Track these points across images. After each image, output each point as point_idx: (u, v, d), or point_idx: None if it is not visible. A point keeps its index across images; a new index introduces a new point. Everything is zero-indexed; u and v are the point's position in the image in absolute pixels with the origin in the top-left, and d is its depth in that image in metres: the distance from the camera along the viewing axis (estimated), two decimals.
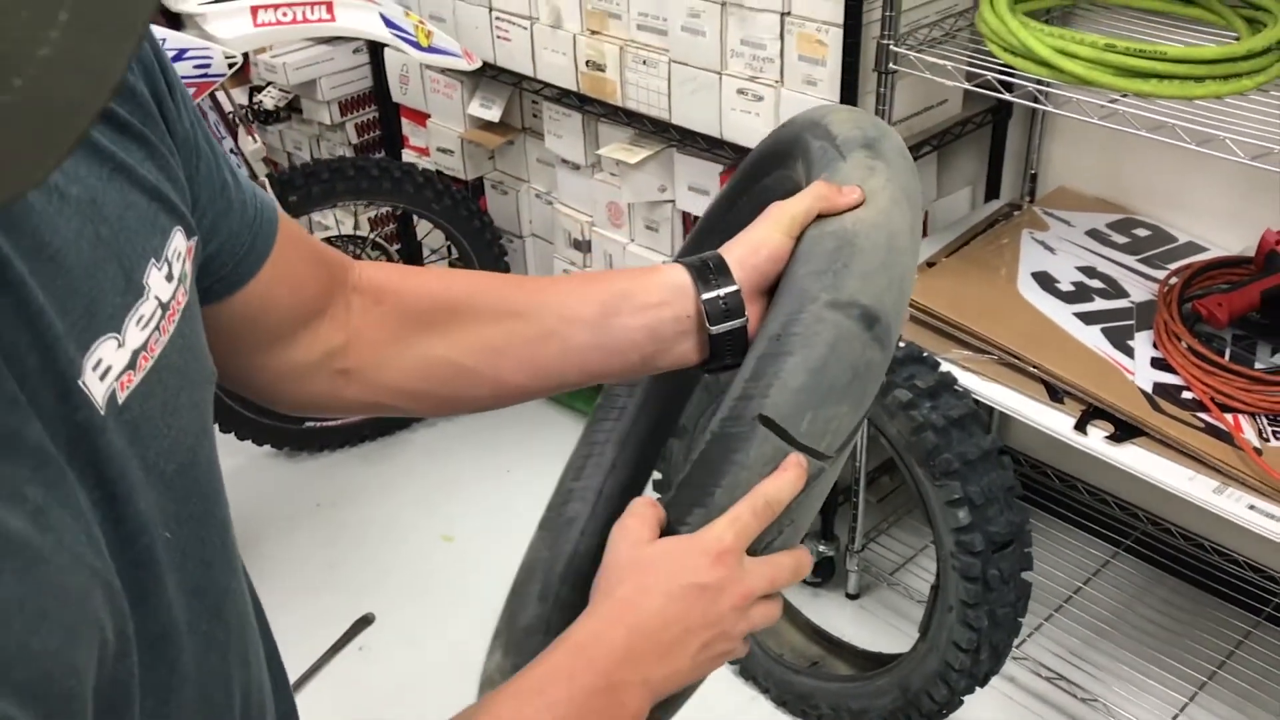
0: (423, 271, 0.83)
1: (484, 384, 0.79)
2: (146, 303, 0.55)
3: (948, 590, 1.59)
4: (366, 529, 2.32)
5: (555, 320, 0.78)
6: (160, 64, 0.60)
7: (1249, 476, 1.43)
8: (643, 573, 0.66)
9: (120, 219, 0.54)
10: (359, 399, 0.79)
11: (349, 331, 0.78)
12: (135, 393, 0.53)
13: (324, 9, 1.91)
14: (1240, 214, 1.76)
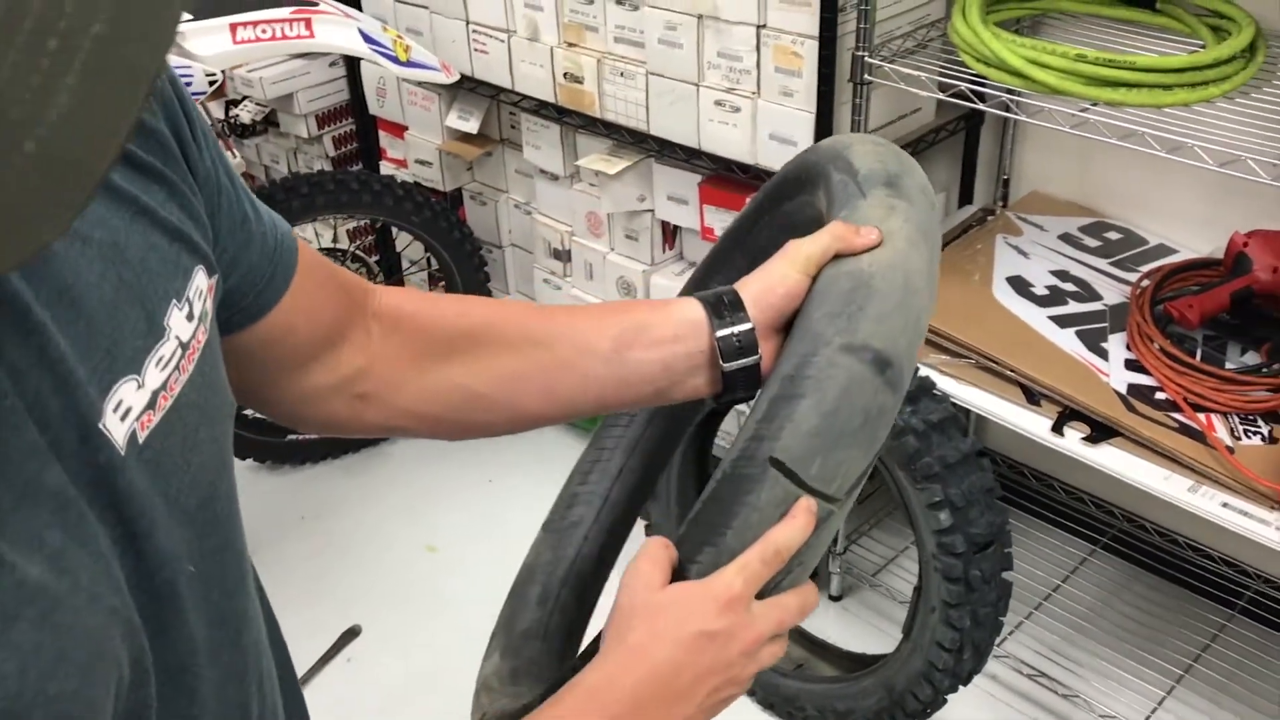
0: (441, 298, 0.85)
1: (500, 410, 0.81)
2: (167, 344, 0.55)
3: (930, 591, 1.62)
4: (351, 541, 2.32)
5: (572, 351, 0.79)
6: (181, 101, 0.61)
7: (1222, 475, 1.46)
8: (654, 619, 0.68)
9: (143, 261, 0.55)
10: (378, 421, 0.81)
11: (368, 356, 0.79)
12: (155, 431, 0.54)
13: (303, 25, 1.92)
14: (1209, 217, 1.80)
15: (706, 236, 2.00)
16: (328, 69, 2.50)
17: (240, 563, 0.64)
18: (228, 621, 0.61)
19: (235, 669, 0.63)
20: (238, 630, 0.63)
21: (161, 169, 0.58)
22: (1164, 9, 1.64)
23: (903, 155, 0.82)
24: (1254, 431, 1.52)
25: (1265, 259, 1.61)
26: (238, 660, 0.63)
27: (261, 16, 1.88)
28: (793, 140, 1.76)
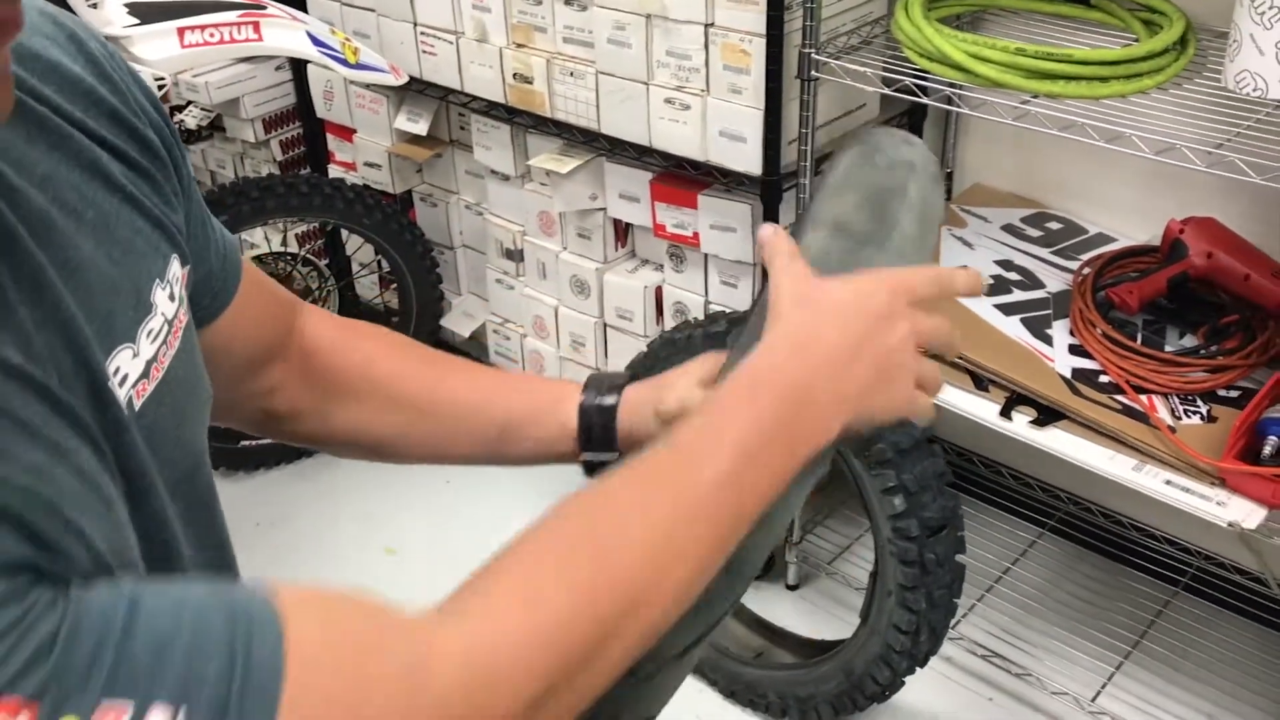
0: (357, 340, 0.88)
1: (398, 451, 0.86)
2: (155, 318, 0.59)
3: (886, 575, 1.66)
4: (308, 545, 2.32)
5: (463, 428, 0.85)
6: (168, 125, 0.67)
7: (1164, 454, 1.51)
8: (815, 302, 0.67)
9: (129, 241, 0.59)
10: (289, 436, 0.87)
11: (278, 379, 0.83)
12: (149, 400, 0.58)
13: (251, 29, 1.92)
14: (1146, 206, 1.86)
15: (659, 234, 2.02)
16: (274, 72, 2.49)
17: (222, 550, 0.66)
18: None
19: None
20: None
21: (149, 169, 0.63)
22: (1098, 4, 1.69)
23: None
24: (1193, 411, 1.57)
25: (1199, 245, 1.66)
26: None
27: (209, 20, 1.88)
28: (742, 137, 1.79)
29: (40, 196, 0.54)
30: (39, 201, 0.54)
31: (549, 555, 0.58)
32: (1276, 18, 1.40)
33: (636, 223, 2.08)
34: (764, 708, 1.88)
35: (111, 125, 0.61)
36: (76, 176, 0.58)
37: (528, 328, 2.34)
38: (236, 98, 2.45)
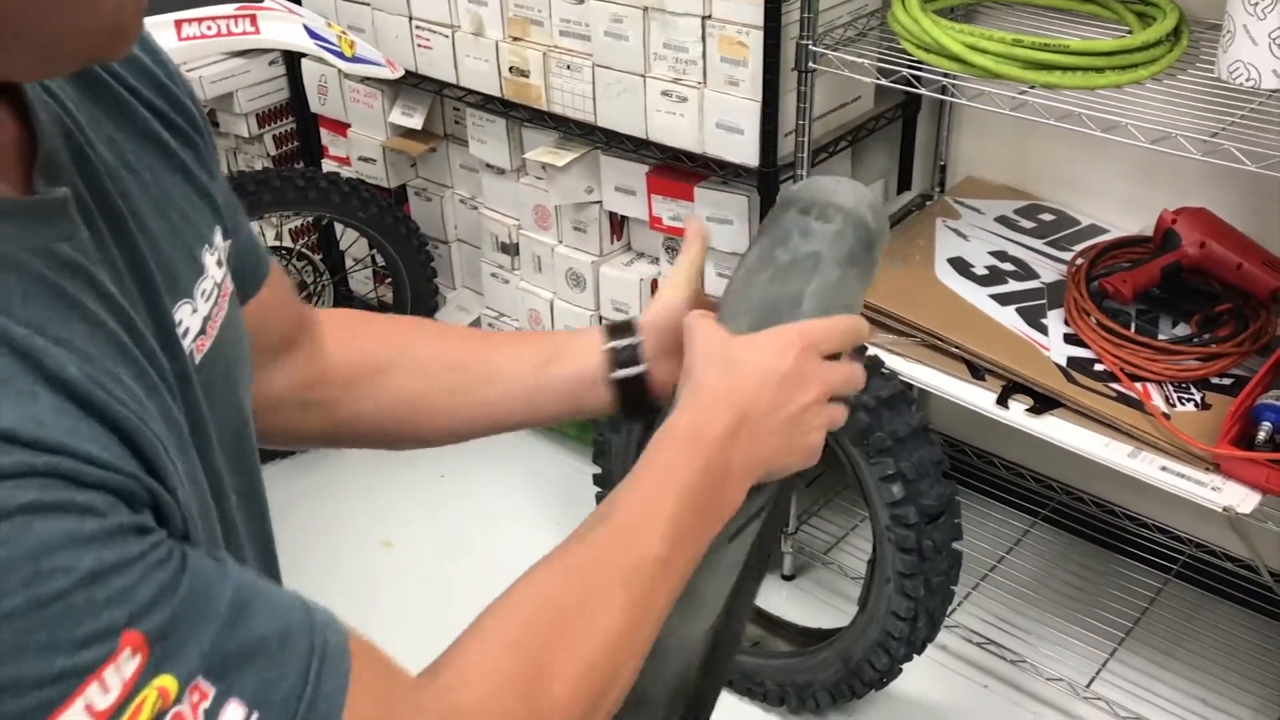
0: (385, 319, 0.92)
1: (438, 419, 0.87)
2: (207, 279, 0.62)
3: (884, 562, 1.67)
4: (304, 539, 2.32)
5: (503, 366, 0.86)
6: (194, 94, 0.68)
7: (1159, 440, 1.53)
8: (731, 365, 0.71)
9: (182, 207, 0.62)
10: (323, 429, 0.86)
11: (319, 369, 0.84)
12: (207, 357, 0.59)
13: (248, 22, 1.92)
14: (1137, 197, 1.88)
15: (655, 226, 2.03)
16: (267, 67, 2.49)
17: (265, 515, 0.67)
18: (265, 557, 0.65)
19: None
20: (274, 569, 0.66)
21: (193, 136, 0.66)
22: None
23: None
24: (1187, 398, 1.59)
25: (1192, 235, 1.68)
26: None
27: (207, 13, 1.88)
28: (739, 129, 1.80)
29: (108, 153, 0.57)
30: (109, 157, 0.57)
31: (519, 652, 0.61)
32: (1270, 8, 1.42)
33: (632, 216, 2.09)
34: (761, 696, 1.89)
35: (160, 94, 0.64)
36: (135, 141, 0.60)
37: (523, 321, 2.35)
38: (230, 92, 2.45)
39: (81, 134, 0.55)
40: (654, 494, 0.67)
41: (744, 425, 0.69)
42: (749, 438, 0.69)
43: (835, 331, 0.73)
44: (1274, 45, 1.43)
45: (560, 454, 2.47)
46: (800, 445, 0.71)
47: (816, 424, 0.71)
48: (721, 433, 0.68)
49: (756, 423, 0.69)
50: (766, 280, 0.77)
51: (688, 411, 0.70)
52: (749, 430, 0.69)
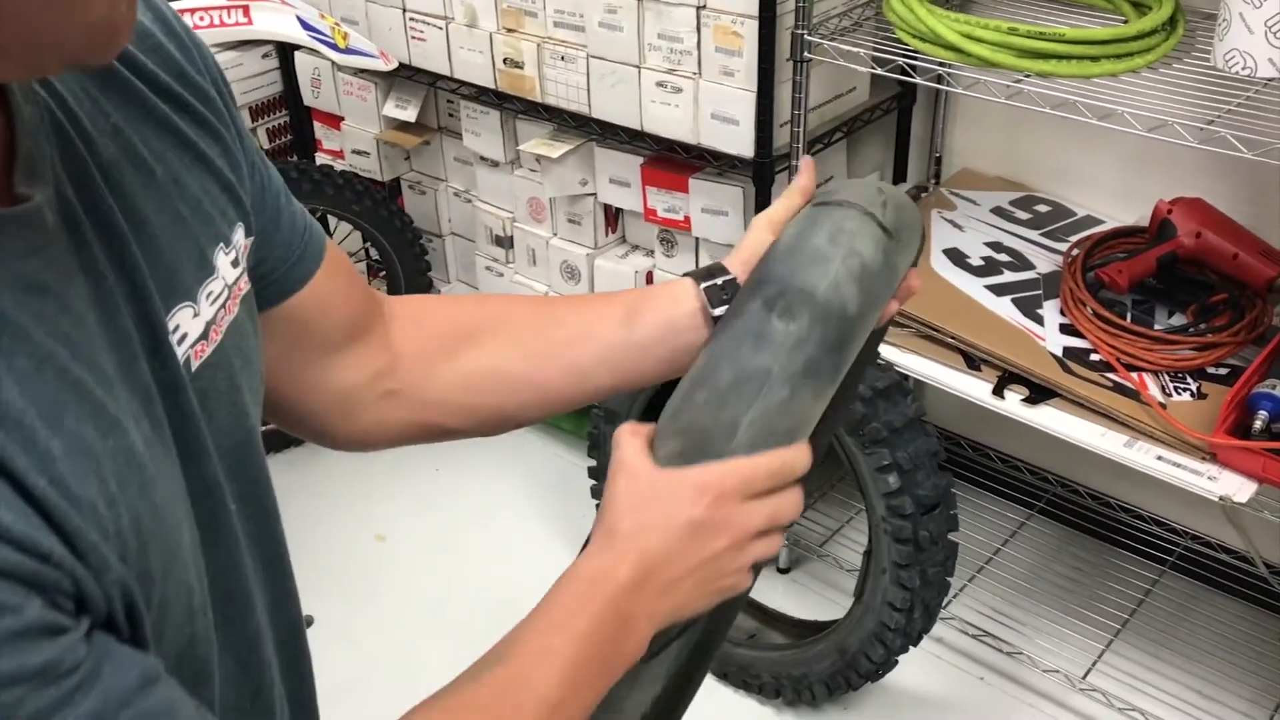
0: (458, 296, 0.90)
1: (528, 389, 0.83)
2: (216, 281, 0.59)
3: (880, 553, 1.67)
4: (298, 533, 2.29)
5: (587, 323, 0.83)
6: (224, 79, 0.65)
7: (1156, 430, 1.53)
8: (643, 507, 0.69)
9: (198, 202, 0.59)
10: (408, 420, 0.81)
11: (393, 354, 0.80)
12: (206, 363, 0.57)
13: (240, 12, 1.91)
14: (1132, 188, 1.88)
15: (650, 218, 2.03)
16: (260, 60, 2.48)
17: (274, 523, 0.66)
18: (271, 565, 0.63)
19: (270, 631, 0.64)
20: (281, 575, 0.64)
21: (216, 126, 0.62)
22: None
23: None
24: (1183, 388, 1.58)
25: (1188, 225, 1.68)
26: (269, 624, 0.65)
27: (200, 3, 1.87)
28: (734, 119, 1.80)
29: (111, 146, 0.54)
30: (110, 151, 0.54)
31: None
32: None
33: (627, 208, 2.08)
34: (757, 689, 1.88)
35: (181, 81, 0.60)
36: (148, 131, 0.57)
37: None
38: None
39: (75, 127, 0.53)
40: (550, 638, 0.65)
41: (650, 576, 0.67)
42: (654, 589, 0.67)
43: (761, 472, 0.69)
44: (1270, 33, 1.43)
45: (555, 447, 2.47)
46: (713, 590, 0.70)
47: (732, 568, 0.70)
48: (625, 582, 0.67)
49: (663, 573, 0.68)
50: (703, 401, 0.73)
51: (595, 556, 0.69)
52: (655, 581, 0.67)
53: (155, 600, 0.49)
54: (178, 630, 0.51)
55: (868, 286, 0.77)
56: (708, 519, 0.68)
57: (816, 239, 0.78)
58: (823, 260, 0.76)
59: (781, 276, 0.76)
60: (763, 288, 0.76)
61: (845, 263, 0.77)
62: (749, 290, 0.77)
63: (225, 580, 0.59)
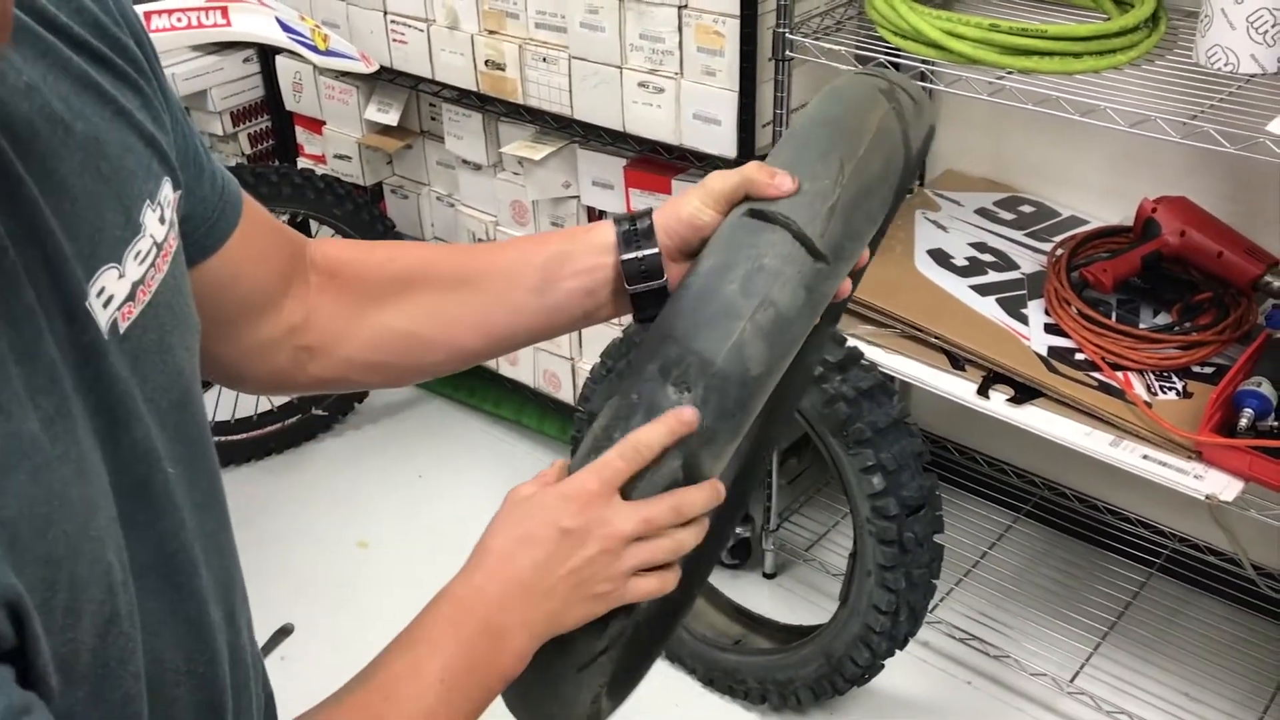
0: (375, 245, 0.87)
1: (439, 350, 0.83)
2: (143, 239, 0.57)
3: (865, 556, 1.65)
4: (280, 541, 2.29)
5: (502, 287, 0.82)
6: (144, 30, 0.63)
7: (1141, 428, 1.51)
8: (515, 524, 0.70)
9: (120, 158, 0.57)
10: (321, 374, 0.82)
11: (308, 307, 0.80)
12: (135, 324, 0.55)
13: (219, 14, 1.89)
14: (1116, 188, 1.87)
15: None
16: (241, 65, 2.46)
17: (213, 482, 0.64)
18: (200, 536, 0.61)
19: (212, 588, 0.63)
20: (207, 550, 0.63)
21: (136, 79, 0.60)
22: None
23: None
24: (1169, 387, 1.57)
25: (1173, 223, 1.67)
26: (213, 581, 0.63)
27: (177, 5, 1.85)
28: (716, 119, 1.79)
29: (24, 105, 0.52)
30: (21, 110, 0.52)
31: None
32: None
33: (610, 210, 2.07)
34: (743, 694, 1.86)
35: (97, 33, 0.58)
36: (65, 87, 0.55)
37: None
38: (204, 90, 2.42)
39: None
40: (419, 655, 0.66)
41: (520, 588, 0.68)
42: (525, 600, 0.68)
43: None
44: (1252, 29, 1.42)
45: (538, 451, 2.45)
46: (589, 596, 0.70)
47: (606, 574, 0.70)
48: (494, 597, 0.68)
49: (533, 584, 0.68)
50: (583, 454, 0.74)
51: (468, 573, 0.70)
52: (526, 593, 0.68)
53: (63, 582, 0.47)
54: (97, 609, 0.50)
55: (780, 338, 0.75)
56: (574, 525, 0.69)
57: (729, 285, 0.76)
58: (730, 317, 0.74)
59: (683, 335, 0.74)
60: (663, 348, 0.75)
61: (755, 319, 0.75)
62: (653, 341, 0.76)
63: (169, 544, 0.58)
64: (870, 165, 0.82)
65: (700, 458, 0.73)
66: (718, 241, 0.79)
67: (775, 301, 0.75)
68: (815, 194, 0.79)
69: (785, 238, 0.77)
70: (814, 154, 0.82)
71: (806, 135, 0.84)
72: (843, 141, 0.83)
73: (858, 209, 0.81)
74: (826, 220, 0.78)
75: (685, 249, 0.82)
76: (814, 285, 0.77)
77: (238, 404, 2.46)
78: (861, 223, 0.81)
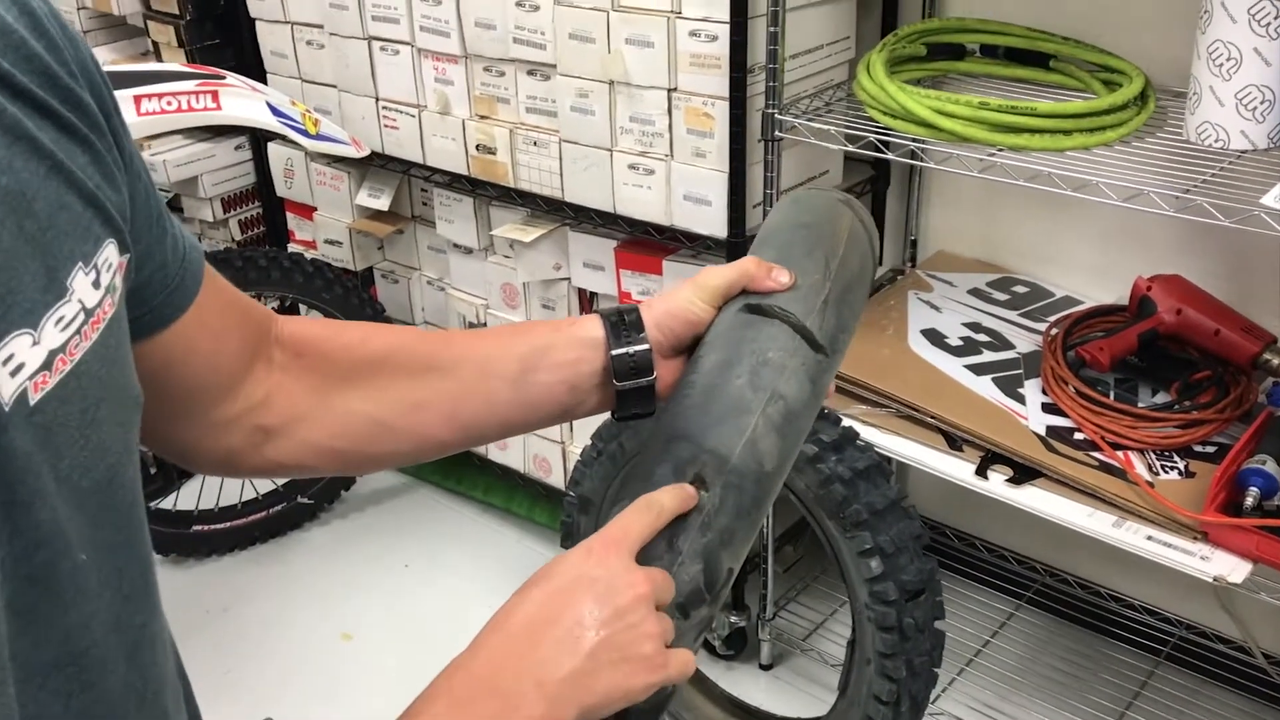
0: (345, 325, 0.83)
1: (405, 440, 0.80)
2: (69, 304, 0.52)
3: (864, 643, 1.60)
4: (262, 633, 2.22)
5: (477, 376, 0.79)
6: (105, 83, 0.59)
7: (1145, 509, 1.48)
8: (528, 586, 0.65)
9: (50, 217, 0.52)
10: (279, 458, 0.78)
11: (270, 386, 0.76)
12: (50, 396, 0.50)
13: (209, 98, 1.90)
14: (1109, 267, 1.86)
15: (624, 301, 1.99)
16: (233, 151, 2.47)
17: (144, 570, 0.59)
18: (124, 629, 0.56)
19: (136, 687, 0.57)
20: (136, 644, 0.57)
21: (87, 134, 0.56)
22: (1057, 66, 1.70)
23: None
24: (1170, 467, 1.54)
25: (1168, 301, 1.66)
26: (137, 679, 0.57)
27: (166, 89, 1.86)
28: (706, 200, 1.78)
29: None
30: None
31: None
32: (1234, 69, 1.41)
33: (601, 291, 2.05)
34: None
35: (45, 83, 0.54)
36: None
37: None
38: (195, 176, 2.43)
39: None
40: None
41: (525, 645, 0.62)
42: (534, 656, 0.62)
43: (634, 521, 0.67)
44: (1241, 106, 1.42)
45: (528, 540, 2.39)
46: (625, 663, 0.63)
47: (645, 631, 0.63)
48: (495, 655, 0.63)
49: (545, 639, 0.62)
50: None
51: (479, 637, 0.64)
52: (533, 649, 0.62)
53: None
54: None
55: (789, 430, 0.75)
56: (601, 574, 0.64)
57: (736, 380, 0.75)
58: (741, 412, 0.74)
59: (695, 434, 0.73)
60: (674, 448, 0.73)
61: (766, 412, 0.74)
62: (660, 445, 0.74)
63: (78, 640, 0.52)
64: (850, 264, 0.84)
65: (720, 559, 0.71)
66: (716, 337, 0.79)
67: (784, 395, 0.75)
68: (809, 288, 0.81)
69: (786, 331, 0.78)
70: (799, 252, 0.84)
71: (787, 236, 0.86)
72: (824, 241, 0.85)
73: (845, 303, 0.82)
74: (822, 314, 0.80)
75: (677, 345, 0.81)
76: (816, 377, 0.78)
77: (221, 491, 2.42)
78: (849, 317, 0.83)
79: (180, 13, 2.32)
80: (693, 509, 0.70)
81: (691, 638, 0.70)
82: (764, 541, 1.96)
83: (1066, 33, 1.72)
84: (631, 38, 1.75)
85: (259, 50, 2.33)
